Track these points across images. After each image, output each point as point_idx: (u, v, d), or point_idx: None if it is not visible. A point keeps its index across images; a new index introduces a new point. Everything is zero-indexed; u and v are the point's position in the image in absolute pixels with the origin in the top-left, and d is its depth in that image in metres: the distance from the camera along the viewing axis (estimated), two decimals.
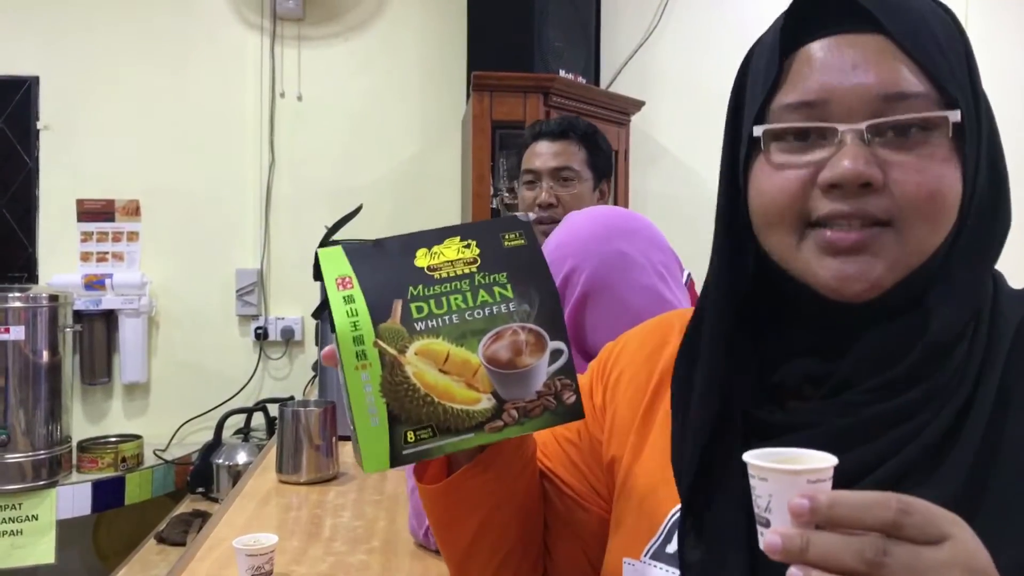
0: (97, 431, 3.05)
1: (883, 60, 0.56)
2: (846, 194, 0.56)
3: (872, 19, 0.57)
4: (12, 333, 2.53)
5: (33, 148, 3.12)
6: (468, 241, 0.64)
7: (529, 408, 0.63)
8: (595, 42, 3.11)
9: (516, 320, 0.63)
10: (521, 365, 0.62)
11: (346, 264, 0.63)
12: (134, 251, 3.16)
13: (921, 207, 0.56)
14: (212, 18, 3.15)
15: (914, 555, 0.43)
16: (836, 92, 0.57)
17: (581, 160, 1.85)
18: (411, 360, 0.61)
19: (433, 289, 0.62)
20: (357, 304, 0.61)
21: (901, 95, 0.56)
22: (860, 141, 0.56)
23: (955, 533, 0.44)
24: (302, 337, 3.19)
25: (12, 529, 2.53)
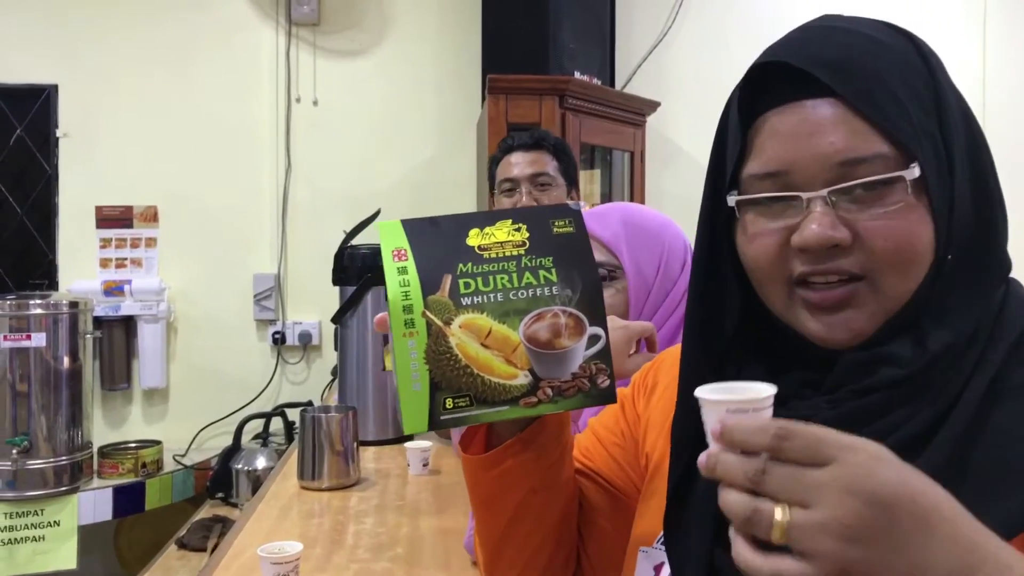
0: (117, 436, 3.07)
1: (838, 126, 0.59)
2: (818, 255, 0.60)
3: (826, 84, 0.59)
4: (34, 340, 2.54)
5: (52, 156, 3.14)
6: (519, 225, 0.67)
7: (564, 388, 0.66)
8: (610, 43, 3.11)
9: (558, 303, 0.66)
10: (559, 346, 0.65)
11: (403, 237, 0.66)
12: (152, 257, 3.18)
13: (890, 260, 0.59)
14: (228, 25, 3.16)
15: (791, 474, 0.48)
16: (797, 162, 0.60)
17: (554, 167, 1.96)
18: (455, 332, 0.64)
19: (481, 267, 0.65)
20: (410, 275, 0.64)
21: (858, 159, 0.59)
22: (825, 205, 0.60)
23: (842, 456, 0.48)
24: (319, 341, 3.20)
25: (34, 535, 2.55)
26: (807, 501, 0.47)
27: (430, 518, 1.46)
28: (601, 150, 3.11)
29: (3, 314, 2.54)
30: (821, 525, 0.47)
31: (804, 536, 0.47)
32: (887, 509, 0.46)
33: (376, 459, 1.87)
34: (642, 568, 0.72)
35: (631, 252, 1.22)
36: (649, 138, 3.13)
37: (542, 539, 0.77)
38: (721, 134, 0.68)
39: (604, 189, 3.19)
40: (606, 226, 1.23)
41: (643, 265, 1.22)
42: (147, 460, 2.82)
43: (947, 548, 0.47)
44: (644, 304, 1.21)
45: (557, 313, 0.66)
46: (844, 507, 0.46)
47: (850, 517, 0.46)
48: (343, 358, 2.05)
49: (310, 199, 3.20)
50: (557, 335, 0.65)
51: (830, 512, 0.47)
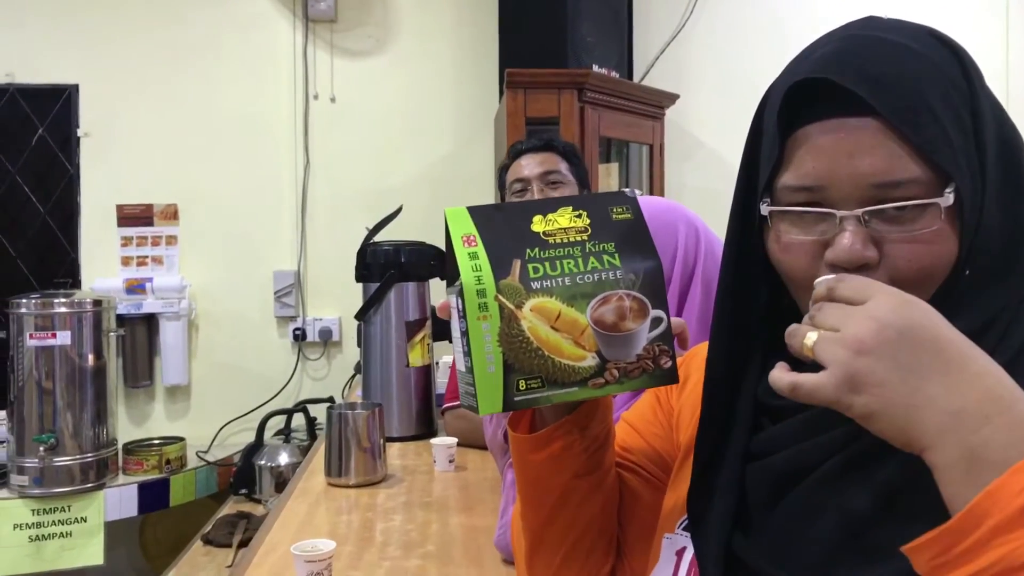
0: (141, 433, 3.10)
1: (877, 146, 0.59)
2: (844, 270, 0.62)
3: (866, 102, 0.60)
4: (59, 338, 2.57)
5: (74, 155, 3.16)
6: (580, 211, 0.69)
7: (629, 369, 0.68)
8: (628, 36, 3.09)
9: (622, 287, 0.68)
10: (624, 329, 0.67)
11: (471, 224, 0.68)
12: (173, 255, 3.19)
13: (912, 279, 0.60)
14: (245, 22, 3.17)
15: (834, 308, 0.55)
16: (833, 179, 0.61)
17: (565, 168, 1.97)
18: (527, 315, 0.66)
19: (548, 252, 0.67)
20: (480, 261, 0.66)
21: (895, 183, 0.59)
22: (858, 224, 0.61)
23: (879, 295, 0.53)
24: (340, 338, 3.21)
25: (62, 531, 2.57)
26: (837, 325, 0.53)
27: (459, 515, 1.47)
28: (618, 143, 3.10)
29: (28, 313, 2.56)
30: (839, 339, 0.52)
31: (824, 347, 0.53)
32: (902, 334, 0.51)
33: (402, 455, 1.87)
34: (666, 553, 0.74)
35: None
36: (668, 131, 3.12)
37: (585, 526, 0.79)
38: (755, 137, 0.68)
39: (622, 180, 3.18)
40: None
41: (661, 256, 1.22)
42: (171, 457, 2.84)
43: (960, 388, 0.49)
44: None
45: (622, 296, 0.67)
46: (862, 327, 0.51)
47: (864, 333, 0.51)
48: (367, 355, 2.05)
49: (329, 196, 3.20)
50: (623, 318, 0.67)
51: (850, 329, 0.52)
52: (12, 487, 2.56)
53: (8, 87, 3.12)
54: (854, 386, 0.51)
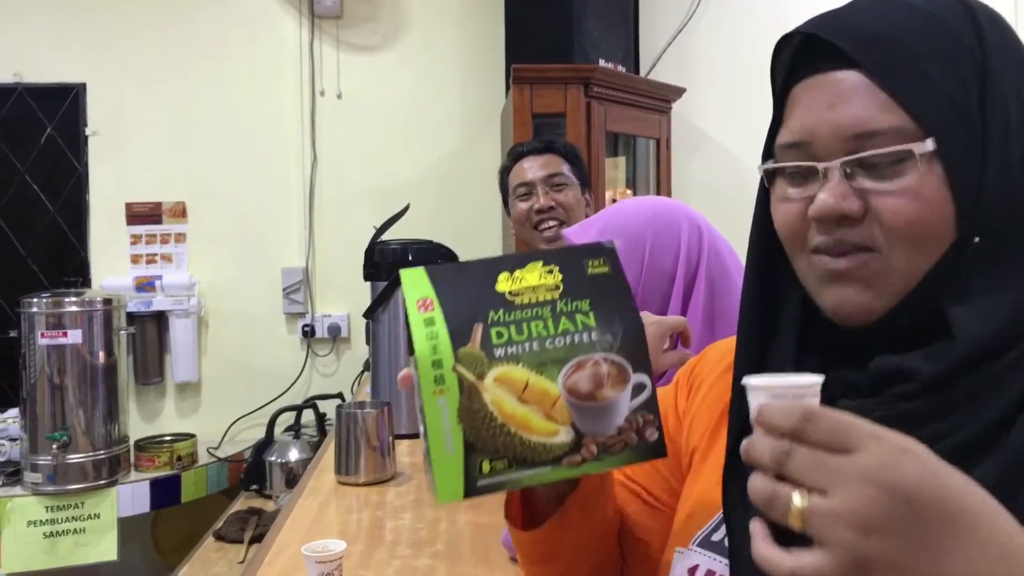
0: (152, 430, 3.12)
1: (857, 98, 0.59)
2: (828, 226, 0.60)
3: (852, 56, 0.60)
4: (70, 337, 2.59)
5: (82, 154, 3.18)
6: (551, 267, 0.63)
7: (609, 443, 0.61)
8: (634, 29, 3.09)
9: (598, 350, 0.61)
10: (602, 398, 0.61)
11: (428, 286, 0.62)
12: (182, 252, 3.21)
13: (899, 235, 0.58)
14: (252, 19, 3.18)
15: (813, 458, 0.47)
16: (817, 132, 0.61)
17: (568, 169, 1.97)
18: (489, 387, 0.59)
19: (514, 315, 0.61)
20: (437, 327, 0.59)
21: (871, 132, 0.58)
22: (840, 176, 0.59)
23: (868, 445, 0.47)
24: (348, 334, 3.22)
25: (76, 527, 2.60)
26: (826, 487, 0.46)
27: (467, 513, 1.48)
28: (625, 137, 3.09)
29: (40, 312, 2.58)
30: (838, 513, 0.45)
31: (821, 523, 0.46)
32: (910, 503, 0.45)
33: (410, 453, 1.88)
34: (677, 569, 0.72)
35: None
36: (675, 125, 3.11)
37: (588, 568, 0.79)
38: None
39: (628, 175, 3.18)
40: (583, 236, 1.23)
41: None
42: (182, 453, 2.87)
43: (976, 554, 0.45)
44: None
45: (598, 361, 0.61)
46: (863, 496, 0.45)
47: (868, 507, 0.45)
48: (375, 353, 2.06)
49: (336, 192, 3.21)
50: (599, 385, 0.60)
51: (848, 500, 0.45)
52: (26, 484, 2.59)
53: (16, 86, 3.14)
54: (863, 570, 0.45)
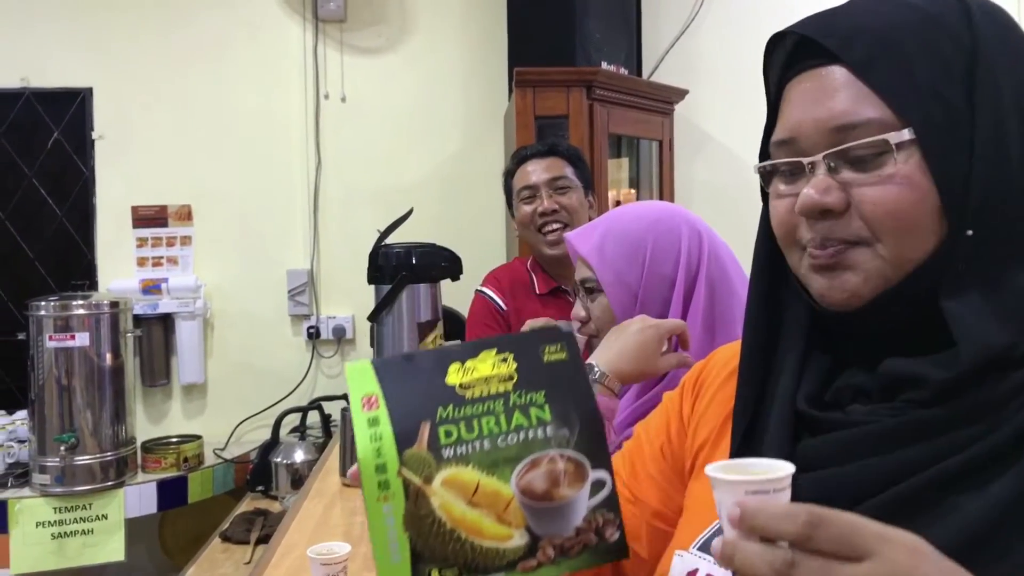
0: (158, 432, 3.14)
1: (837, 92, 0.60)
2: (815, 221, 0.61)
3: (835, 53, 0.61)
4: (78, 339, 2.61)
5: (89, 158, 3.20)
6: (505, 355, 0.60)
7: (567, 546, 0.58)
8: (636, 32, 3.10)
9: (553, 446, 0.58)
10: (558, 498, 0.57)
11: (374, 381, 0.59)
12: (187, 255, 3.23)
13: (883, 227, 0.59)
14: (256, 23, 3.20)
15: (824, 570, 0.44)
16: (801, 128, 0.62)
17: (571, 171, 1.99)
18: (438, 491, 0.56)
19: (464, 410, 0.57)
20: (382, 427, 0.56)
21: (851, 125, 0.59)
22: (824, 171, 0.60)
23: (880, 550, 0.44)
24: (353, 335, 3.24)
25: (83, 528, 2.62)
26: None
27: None
28: (628, 138, 3.10)
29: (48, 315, 2.61)
30: None
31: None
32: None
33: None
34: (676, 572, 0.71)
35: (609, 262, 1.22)
36: (677, 126, 3.12)
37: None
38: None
39: (632, 176, 3.20)
40: (585, 240, 1.25)
41: (623, 273, 1.22)
42: (188, 454, 2.89)
43: None
44: (634, 312, 1.21)
45: (554, 458, 0.57)
46: None
47: None
48: (380, 355, 2.08)
49: (341, 194, 3.23)
50: (556, 484, 0.57)
51: None
52: (34, 486, 2.62)
53: (23, 91, 3.16)
54: None
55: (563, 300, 1.97)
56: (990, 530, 0.52)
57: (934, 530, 0.52)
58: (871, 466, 0.57)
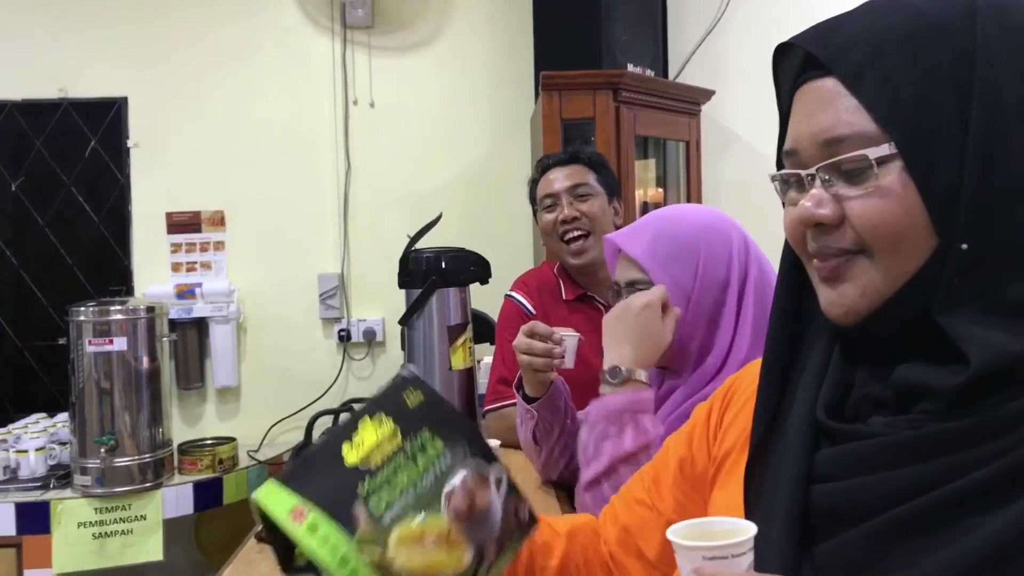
0: (194, 434, 3.20)
1: (829, 105, 0.60)
2: (814, 232, 0.62)
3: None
4: (116, 344, 2.67)
5: (124, 165, 3.27)
6: (379, 417, 0.66)
7: (502, 538, 0.66)
8: (662, 33, 3.10)
9: (459, 468, 0.65)
10: (481, 507, 0.65)
11: (290, 495, 0.62)
12: (221, 260, 3.29)
13: (870, 237, 0.59)
14: (285, 32, 3.25)
15: None
16: (800, 140, 0.63)
17: (594, 179, 1.99)
18: (395, 553, 0.62)
19: (378, 479, 0.63)
20: (324, 529, 0.61)
21: (837, 139, 0.60)
22: (820, 183, 0.61)
23: None
24: (383, 338, 3.28)
25: (123, 528, 2.68)
26: None
27: None
28: (655, 139, 3.11)
29: (87, 320, 2.67)
30: None
31: None
32: None
33: None
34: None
35: (663, 266, 1.23)
36: (704, 127, 3.12)
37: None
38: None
39: (659, 175, 3.20)
40: (637, 243, 1.26)
41: (678, 276, 1.23)
42: (223, 456, 2.94)
43: None
44: (687, 313, 1.23)
45: (463, 478, 0.65)
46: None
47: None
48: (411, 359, 2.11)
49: (370, 199, 3.27)
50: (472, 497, 0.65)
51: None
52: (76, 487, 2.68)
53: (62, 102, 3.24)
54: None
55: (590, 306, 1.98)
56: (1007, 551, 0.52)
57: (951, 549, 0.52)
58: (887, 480, 0.57)
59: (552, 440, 1.55)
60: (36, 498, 2.65)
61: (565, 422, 1.54)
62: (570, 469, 1.61)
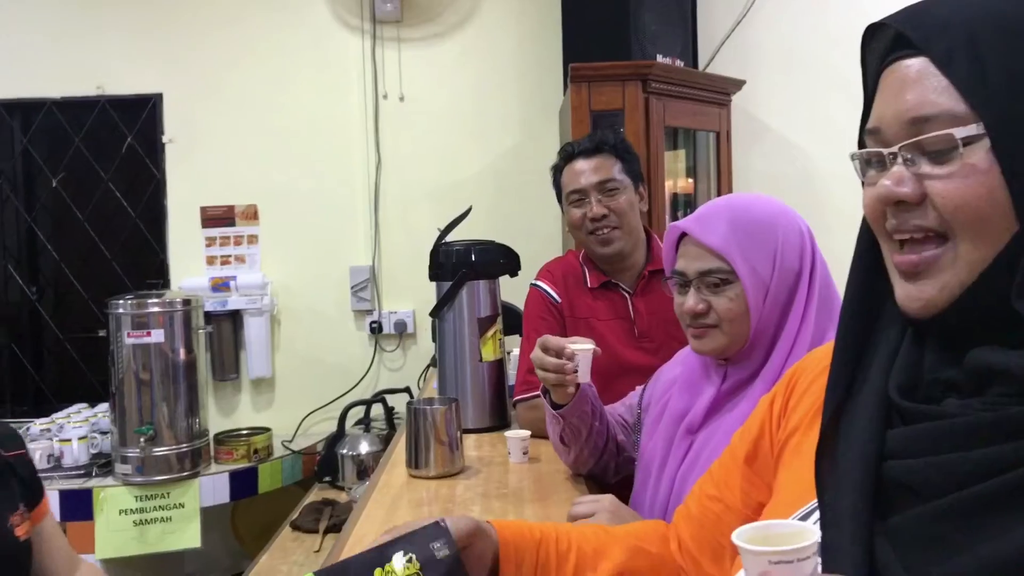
0: (229, 424, 3.26)
1: (917, 84, 0.60)
2: (894, 209, 0.62)
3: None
4: (153, 336, 2.73)
5: (160, 161, 3.33)
6: (409, 555, 0.74)
7: None
8: (692, 23, 3.08)
9: None
10: None
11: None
12: (254, 253, 3.34)
13: (953, 218, 0.59)
14: (315, 28, 3.28)
15: None
16: (884, 118, 0.63)
17: (619, 169, 1.94)
18: None
19: None
20: None
21: (924, 117, 0.60)
22: (901, 163, 0.61)
23: None
24: (414, 329, 3.32)
25: (163, 516, 2.75)
26: None
27: (534, 506, 1.53)
28: (685, 130, 3.10)
29: (126, 313, 2.73)
30: None
31: None
32: None
33: (477, 447, 1.95)
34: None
35: (743, 255, 1.20)
36: (735, 117, 3.10)
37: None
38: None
39: (689, 165, 3.19)
40: (713, 231, 1.22)
41: (757, 266, 1.20)
42: (258, 446, 3.00)
43: None
44: (764, 303, 1.21)
45: None
46: None
47: None
48: (441, 350, 2.13)
49: (400, 192, 3.30)
50: None
51: None
52: (117, 475, 2.75)
53: (99, 99, 3.31)
54: None
55: (614, 294, 1.97)
56: None
57: (1018, 532, 0.53)
58: (962, 459, 0.57)
59: (580, 442, 1.55)
60: (79, 486, 2.73)
61: (593, 424, 1.54)
62: (600, 465, 1.61)
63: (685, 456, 1.27)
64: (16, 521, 1.35)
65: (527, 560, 0.84)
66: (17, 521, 1.35)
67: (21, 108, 3.37)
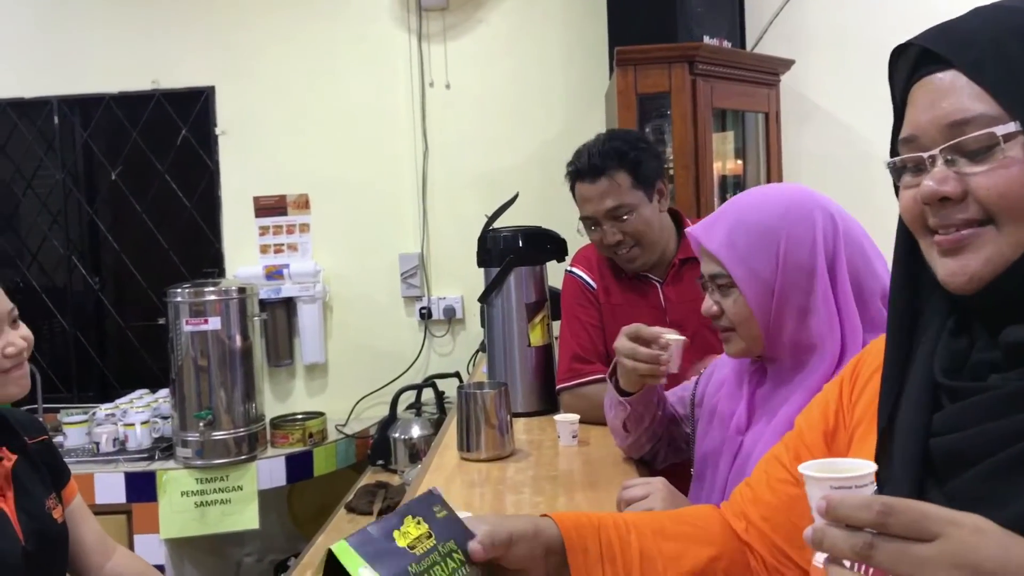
0: (284, 409, 3.34)
1: (952, 93, 0.67)
2: (937, 208, 0.67)
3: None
4: (210, 323, 2.81)
5: (213, 152, 3.41)
6: (417, 518, 0.81)
7: None
8: (739, 3, 3.03)
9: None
10: None
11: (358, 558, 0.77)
12: (306, 242, 3.41)
13: (997, 207, 0.65)
14: (363, 19, 3.32)
15: (899, 549, 0.53)
16: (921, 126, 0.69)
17: (627, 187, 1.85)
18: None
19: (423, 564, 0.78)
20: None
21: (963, 121, 0.65)
22: (942, 164, 0.67)
23: (948, 532, 0.52)
24: (463, 315, 3.35)
25: (222, 498, 2.84)
26: (915, 574, 0.52)
27: (584, 490, 1.55)
28: (733, 111, 3.06)
29: (184, 301, 2.81)
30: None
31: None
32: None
33: (526, 431, 1.97)
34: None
35: (740, 258, 1.19)
36: (784, 97, 3.05)
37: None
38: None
39: (737, 147, 3.15)
40: (712, 237, 1.22)
41: (758, 268, 1.18)
42: (313, 430, 3.07)
43: None
44: (772, 305, 1.19)
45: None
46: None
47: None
48: (490, 335, 2.16)
49: (447, 179, 3.33)
50: None
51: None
52: (178, 459, 2.85)
53: (154, 93, 3.40)
54: None
55: (646, 284, 1.95)
56: None
57: None
58: (1005, 425, 0.62)
59: (641, 429, 1.56)
60: (143, 468, 2.83)
61: (656, 413, 1.54)
62: (651, 452, 1.62)
63: (736, 455, 1.27)
64: (51, 504, 1.41)
65: (591, 547, 0.87)
66: (52, 504, 1.42)
67: (81, 104, 3.48)
